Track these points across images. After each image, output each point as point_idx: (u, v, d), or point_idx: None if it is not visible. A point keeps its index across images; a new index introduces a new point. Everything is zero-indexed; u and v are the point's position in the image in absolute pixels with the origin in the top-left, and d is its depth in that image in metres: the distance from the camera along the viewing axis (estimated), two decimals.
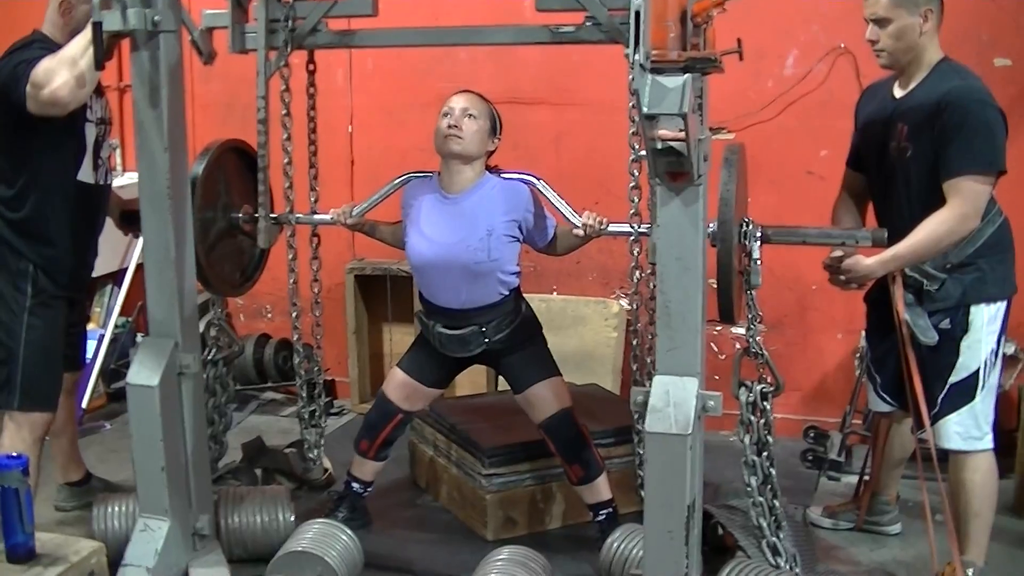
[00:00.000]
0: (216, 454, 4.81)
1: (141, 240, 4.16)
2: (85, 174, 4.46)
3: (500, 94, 5.99)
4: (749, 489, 3.94)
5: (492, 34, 4.21)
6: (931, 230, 3.93)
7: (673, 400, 3.36)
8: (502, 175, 4.57)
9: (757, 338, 3.88)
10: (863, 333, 4.73)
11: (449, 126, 4.46)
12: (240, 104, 5.78)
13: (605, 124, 3.96)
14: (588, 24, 3.84)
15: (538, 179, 4.50)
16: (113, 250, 6.60)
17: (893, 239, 3.95)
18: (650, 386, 3.45)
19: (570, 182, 6.23)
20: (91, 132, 4.47)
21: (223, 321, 4.83)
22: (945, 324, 4.11)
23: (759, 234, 3.74)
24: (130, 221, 4.77)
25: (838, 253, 4.14)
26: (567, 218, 4.32)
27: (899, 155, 4.12)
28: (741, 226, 3.69)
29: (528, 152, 6.24)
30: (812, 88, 5.76)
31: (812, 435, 5.67)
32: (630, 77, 3.57)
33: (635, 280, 4.18)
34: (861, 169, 4.45)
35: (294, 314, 4.70)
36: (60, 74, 3.94)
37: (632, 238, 4.05)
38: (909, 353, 4.13)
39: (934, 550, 4.23)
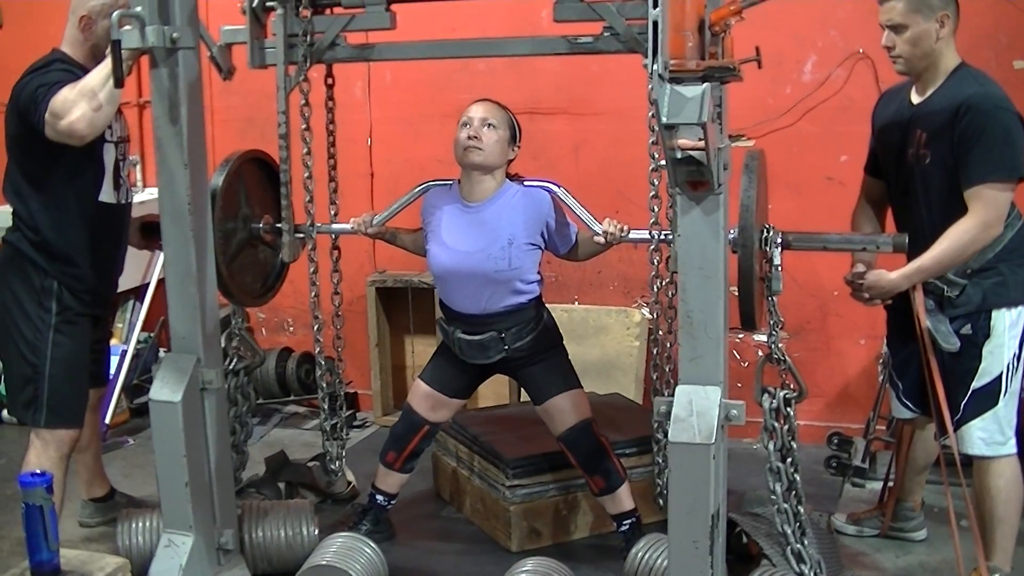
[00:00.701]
0: (238, 463, 4.80)
1: (162, 255, 4.16)
2: (107, 195, 4.46)
3: (519, 104, 5.99)
4: (773, 496, 3.92)
5: (510, 46, 4.21)
6: (954, 240, 3.92)
7: (696, 409, 3.36)
8: (524, 183, 4.57)
9: (779, 344, 3.87)
10: (885, 339, 4.72)
11: (469, 137, 4.46)
12: (260, 118, 5.80)
13: (624, 133, 3.96)
14: (606, 34, 3.83)
15: (559, 186, 4.50)
16: (135, 265, 6.62)
17: (913, 246, 3.95)
18: (672, 395, 3.45)
19: (589, 191, 6.22)
20: (110, 153, 4.46)
21: (244, 331, 4.82)
22: (967, 330, 4.10)
23: (780, 240, 3.73)
24: (149, 233, 4.78)
25: (860, 269, 4.15)
26: (588, 225, 4.32)
27: (917, 162, 4.11)
28: (762, 232, 3.69)
29: (547, 162, 6.25)
30: (831, 94, 5.75)
31: (836, 441, 5.65)
32: (649, 87, 3.59)
33: (655, 289, 4.17)
34: (879, 175, 4.44)
35: (316, 327, 4.70)
36: (79, 106, 3.96)
37: (652, 247, 4.04)
38: (931, 359, 4.12)
39: (960, 556, 4.21)
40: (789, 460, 3.93)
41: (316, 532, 4.54)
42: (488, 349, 4.58)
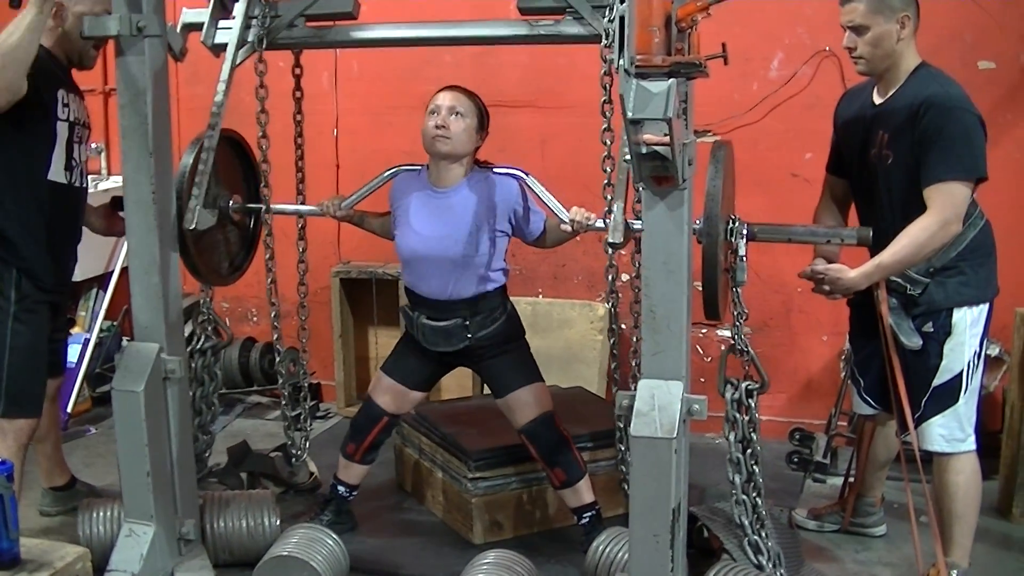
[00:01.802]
0: (204, 445, 4.79)
1: (126, 243, 4.14)
2: (56, 173, 4.39)
3: (485, 97, 5.97)
4: (733, 488, 3.95)
5: (469, 29, 4.18)
6: (913, 237, 3.95)
7: (658, 404, 3.36)
8: (493, 170, 4.58)
9: (743, 335, 3.90)
10: (848, 335, 4.74)
11: (436, 126, 4.46)
12: (227, 107, 5.78)
13: (590, 127, 3.96)
14: (568, 18, 3.81)
15: (527, 174, 4.50)
16: (98, 254, 6.60)
17: (876, 244, 3.97)
18: (635, 389, 3.46)
19: (556, 185, 6.20)
20: (62, 131, 4.40)
21: (211, 311, 4.80)
22: (928, 327, 4.13)
23: (745, 231, 3.75)
24: (115, 208, 4.76)
25: (820, 266, 4.16)
26: (555, 213, 4.32)
27: (880, 162, 4.13)
28: (728, 223, 3.71)
29: (514, 155, 6.23)
30: (797, 91, 5.77)
31: (798, 437, 5.68)
32: (602, 72, 3.59)
33: (610, 279, 4.15)
34: (842, 174, 4.46)
35: (273, 315, 4.67)
36: None
37: (607, 238, 4.01)
38: (893, 357, 4.14)
39: (919, 552, 4.24)
40: (749, 452, 3.96)
41: (278, 523, 4.53)
42: (452, 336, 4.58)
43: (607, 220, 3.83)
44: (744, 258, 3.77)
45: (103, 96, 7.01)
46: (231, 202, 4.53)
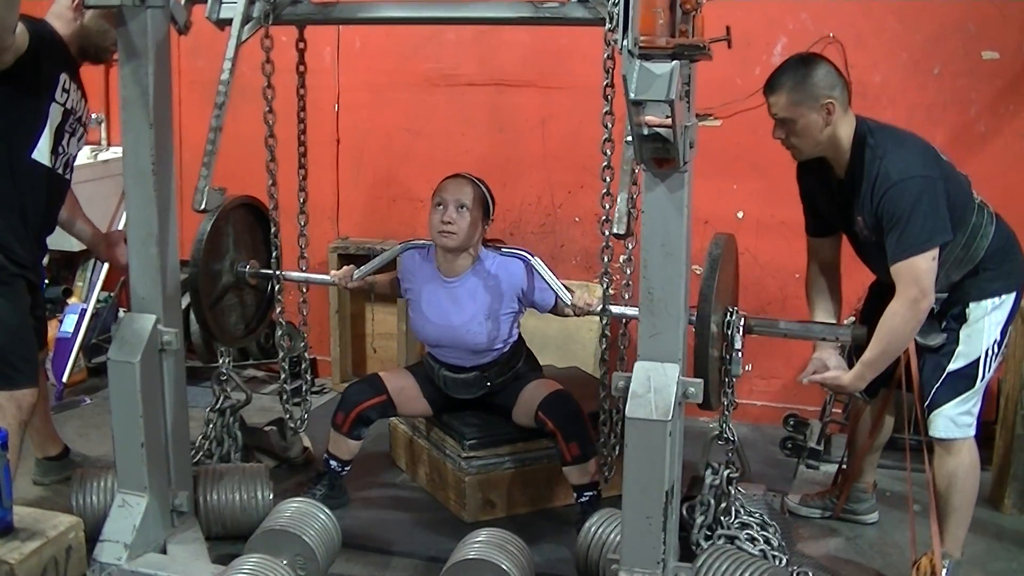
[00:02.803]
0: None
1: (125, 215, 4.13)
2: (41, 154, 4.36)
3: (486, 76, 6.01)
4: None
5: (473, 8, 4.17)
6: (888, 328, 3.97)
7: (654, 386, 3.36)
8: (500, 251, 4.73)
9: (730, 425, 4.00)
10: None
11: (443, 222, 4.59)
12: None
13: (591, 107, 3.94)
14: (573, 1, 3.80)
15: (532, 255, 4.66)
16: (97, 225, 6.58)
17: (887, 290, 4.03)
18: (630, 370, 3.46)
19: (555, 165, 6.26)
20: (55, 114, 4.38)
21: (231, 370, 4.88)
22: (945, 321, 4.13)
23: (742, 325, 3.81)
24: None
25: (816, 377, 4.23)
26: (559, 296, 4.48)
27: (867, 240, 4.15)
28: (725, 315, 3.77)
29: (513, 135, 6.25)
30: None
31: (792, 423, 5.68)
32: (605, 55, 3.59)
33: (606, 260, 4.14)
34: (827, 233, 4.46)
35: (276, 288, 4.67)
36: None
37: (603, 216, 3.99)
38: (912, 355, 4.15)
39: (914, 539, 4.25)
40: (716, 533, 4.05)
41: (271, 497, 4.54)
42: (472, 386, 4.86)
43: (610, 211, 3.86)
44: (739, 352, 3.82)
45: (105, 66, 6.98)
46: (248, 267, 4.66)
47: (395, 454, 5.55)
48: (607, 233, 3.86)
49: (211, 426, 4.89)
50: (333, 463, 4.92)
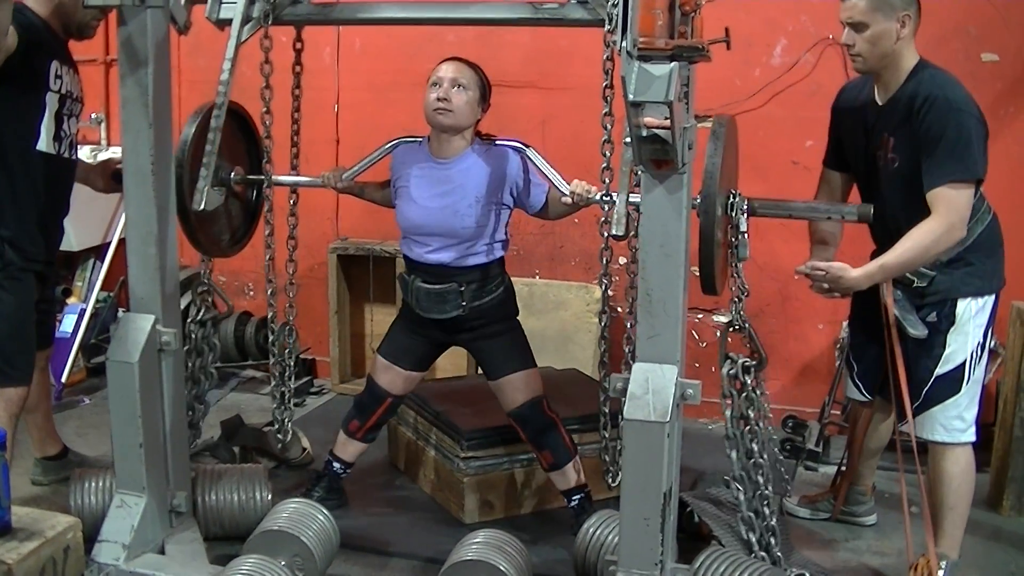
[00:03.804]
0: (200, 415, 4.79)
1: (124, 214, 4.13)
2: (45, 144, 4.40)
3: (487, 77, 5.98)
4: (731, 466, 3.92)
5: (474, 9, 4.16)
6: (918, 241, 3.93)
7: (652, 387, 3.36)
8: (495, 142, 4.59)
9: (742, 312, 3.89)
10: (844, 324, 4.74)
11: (438, 98, 4.46)
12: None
13: (591, 108, 3.94)
14: (573, 2, 3.80)
15: (528, 146, 4.53)
16: (95, 224, 6.60)
17: (883, 241, 3.99)
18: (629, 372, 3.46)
19: (556, 166, 6.21)
20: (52, 102, 4.41)
21: (211, 281, 4.79)
22: (932, 317, 4.12)
23: (746, 206, 3.75)
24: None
25: (819, 264, 4.13)
26: (556, 186, 4.33)
27: (886, 164, 4.13)
28: (728, 198, 3.70)
29: (514, 135, 6.19)
30: (799, 78, 5.77)
31: (791, 425, 5.68)
32: (604, 56, 3.58)
33: (605, 261, 4.12)
34: (840, 168, 4.45)
35: (269, 291, 4.66)
36: None
37: (603, 219, 3.98)
38: (896, 347, 4.14)
39: (910, 541, 4.24)
40: (748, 428, 3.91)
41: (269, 497, 4.53)
42: (446, 302, 4.58)
43: (607, 200, 3.83)
44: (746, 233, 3.77)
45: (104, 66, 7.00)
46: (233, 174, 4.54)
47: (394, 455, 5.55)
48: (606, 235, 3.87)
49: (193, 338, 4.70)
50: (336, 465, 4.92)
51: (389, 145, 4.72)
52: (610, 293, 4.00)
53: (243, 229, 4.77)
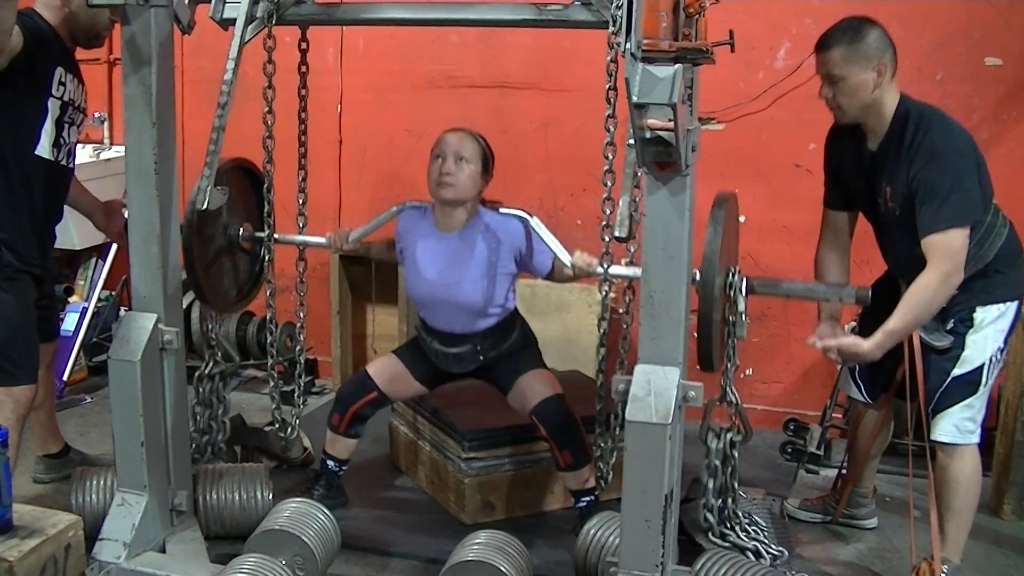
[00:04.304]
0: (218, 459, 4.83)
1: (127, 213, 4.13)
2: (43, 150, 4.40)
3: (489, 78, 6.01)
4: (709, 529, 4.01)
5: (477, 10, 4.16)
6: (917, 298, 3.94)
7: (654, 389, 3.36)
8: (498, 210, 4.65)
9: (732, 387, 3.93)
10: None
11: (441, 172, 4.52)
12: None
13: (593, 110, 3.94)
14: (576, 3, 3.80)
15: (531, 215, 4.56)
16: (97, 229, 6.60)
17: (895, 268, 4.11)
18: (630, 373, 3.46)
19: (558, 168, 6.26)
20: (54, 108, 4.40)
21: (219, 335, 4.84)
22: (951, 324, 4.12)
23: (745, 286, 3.78)
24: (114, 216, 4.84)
25: (832, 341, 4.14)
26: (558, 256, 4.39)
27: (889, 212, 4.13)
28: (728, 276, 3.74)
29: (516, 137, 6.24)
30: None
31: (792, 428, 5.67)
32: (608, 59, 3.58)
33: (606, 266, 4.11)
34: (846, 207, 4.44)
35: (269, 292, 4.66)
36: None
37: (604, 222, 3.97)
38: (917, 357, 4.14)
39: (913, 545, 4.24)
40: (731, 499, 4.00)
41: (270, 496, 4.54)
42: (464, 360, 4.74)
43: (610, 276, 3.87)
44: (744, 314, 3.79)
45: (107, 65, 7.00)
46: (241, 231, 4.62)
47: (395, 455, 5.55)
48: (607, 238, 3.87)
49: (199, 392, 4.74)
50: (330, 463, 4.92)
51: (395, 208, 4.80)
52: (612, 295, 3.99)
53: (250, 285, 4.85)
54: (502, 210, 4.64)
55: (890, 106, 4.07)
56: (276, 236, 4.60)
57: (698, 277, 3.55)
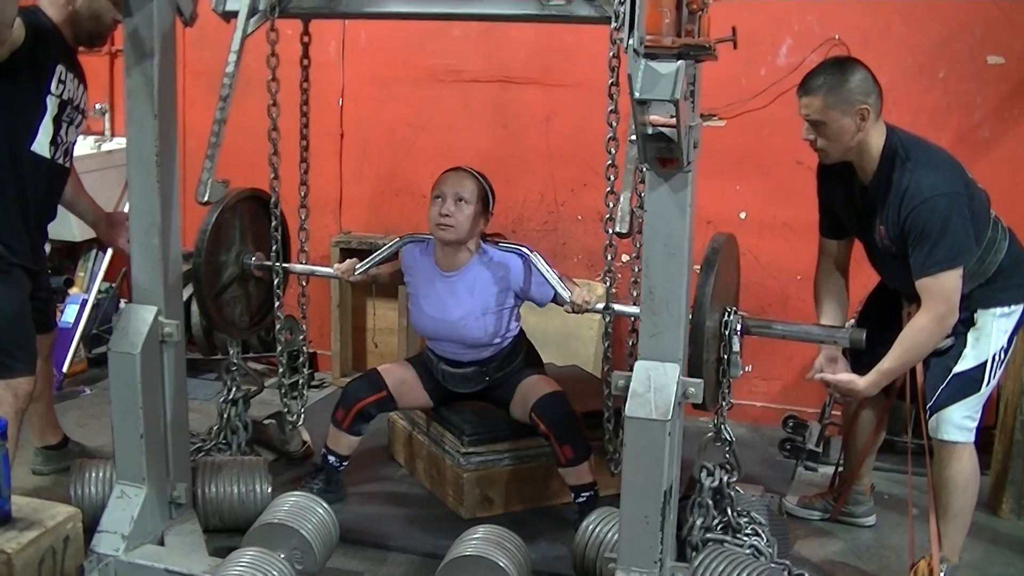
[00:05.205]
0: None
1: (127, 206, 4.13)
2: (40, 147, 4.39)
3: (491, 72, 6.00)
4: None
5: (480, 4, 4.15)
6: (912, 341, 3.99)
7: (654, 385, 3.36)
8: (498, 245, 4.71)
9: (726, 425, 3.98)
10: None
11: (441, 215, 4.57)
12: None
13: (595, 105, 3.93)
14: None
15: (531, 251, 4.62)
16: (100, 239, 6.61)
17: (899, 291, 4.14)
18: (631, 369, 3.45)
19: (559, 162, 6.26)
20: (52, 105, 4.39)
21: (240, 360, 4.89)
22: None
23: (740, 327, 3.80)
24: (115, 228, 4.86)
25: (829, 377, 4.18)
26: (558, 293, 4.44)
27: (886, 249, 4.14)
28: (723, 315, 3.76)
29: (518, 131, 6.24)
30: None
31: (791, 425, 5.66)
32: (610, 54, 3.58)
33: (609, 259, 4.10)
34: (840, 236, 4.46)
35: (276, 283, 4.67)
36: None
37: (607, 215, 3.96)
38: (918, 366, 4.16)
39: (912, 544, 4.24)
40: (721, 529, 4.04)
41: (269, 490, 4.54)
42: (471, 381, 4.84)
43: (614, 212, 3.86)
44: (738, 354, 3.81)
45: (109, 57, 6.99)
46: (253, 259, 4.69)
47: (393, 449, 5.55)
48: (610, 232, 3.87)
49: (224, 417, 4.92)
50: (331, 458, 4.92)
51: (398, 242, 4.89)
52: (613, 291, 3.99)
53: (263, 310, 4.91)
54: (503, 244, 4.70)
55: (876, 146, 4.07)
56: (285, 266, 4.69)
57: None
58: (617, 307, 4.05)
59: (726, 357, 3.80)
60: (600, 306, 4.14)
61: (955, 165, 4.05)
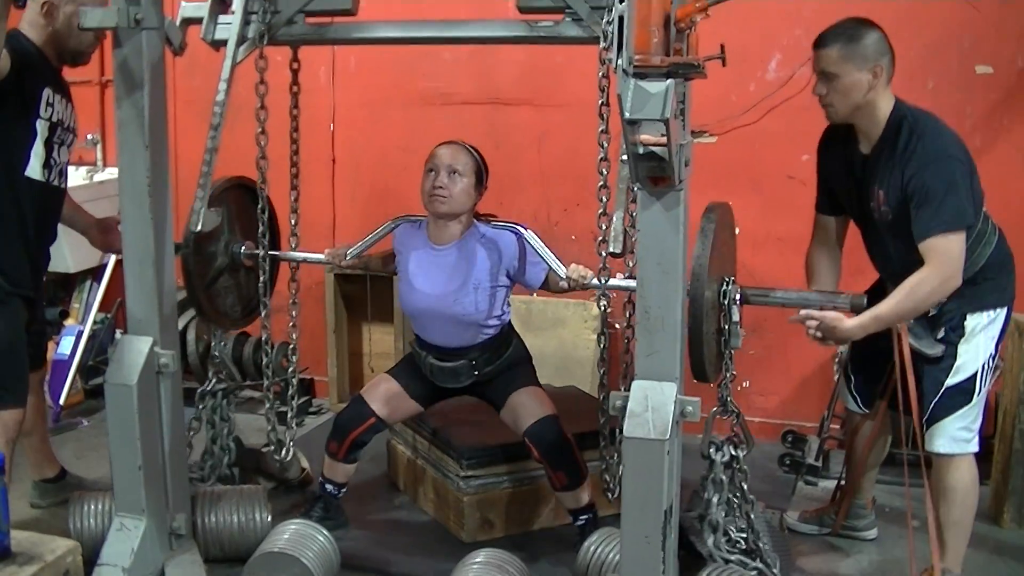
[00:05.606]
0: (227, 481, 4.89)
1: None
2: (33, 171, 4.39)
3: (482, 94, 6.01)
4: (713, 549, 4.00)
5: (469, 28, 4.16)
6: (912, 291, 3.94)
7: (651, 405, 3.35)
8: (491, 223, 4.65)
9: (731, 398, 3.96)
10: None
11: (434, 186, 4.52)
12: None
13: (587, 125, 3.95)
14: (567, 19, 3.79)
15: (525, 228, 4.56)
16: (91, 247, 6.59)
17: (887, 275, 4.08)
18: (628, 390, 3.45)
19: (552, 182, 6.26)
20: (42, 129, 4.40)
21: (223, 353, 4.86)
22: (942, 333, 4.12)
23: (739, 297, 3.79)
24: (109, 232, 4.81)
25: (814, 313, 4.11)
26: (553, 269, 4.36)
27: (881, 217, 4.13)
28: (721, 285, 3.74)
29: (510, 152, 6.24)
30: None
31: (790, 439, 5.66)
32: (600, 74, 3.58)
33: (603, 282, 4.10)
34: (834, 211, 4.46)
35: (264, 312, 4.67)
36: None
37: (600, 238, 3.97)
38: (907, 362, 4.13)
39: (912, 555, 4.24)
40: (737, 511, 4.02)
41: (269, 518, 4.53)
42: (459, 375, 4.70)
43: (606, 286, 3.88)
44: (738, 323, 3.79)
45: (99, 87, 7.00)
46: (244, 248, 4.64)
47: (393, 474, 5.54)
48: (604, 253, 3.87)
49: (202, 408, 4.88)
50: (329, 487, 4.90)
51: (391, 224, 4.81)
52: (609, 310, 3.99)
53: (256, 301, 4.84)
54: (495, 223, 4.64)
55: (884, 110, 4.07)
56: (274, 253, 4.63)
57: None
58: (614, 282, 3.99)
59: (726, 327, 3.78)
60: (595, 281, 4.07)
61: (963, 143, 4.05)
